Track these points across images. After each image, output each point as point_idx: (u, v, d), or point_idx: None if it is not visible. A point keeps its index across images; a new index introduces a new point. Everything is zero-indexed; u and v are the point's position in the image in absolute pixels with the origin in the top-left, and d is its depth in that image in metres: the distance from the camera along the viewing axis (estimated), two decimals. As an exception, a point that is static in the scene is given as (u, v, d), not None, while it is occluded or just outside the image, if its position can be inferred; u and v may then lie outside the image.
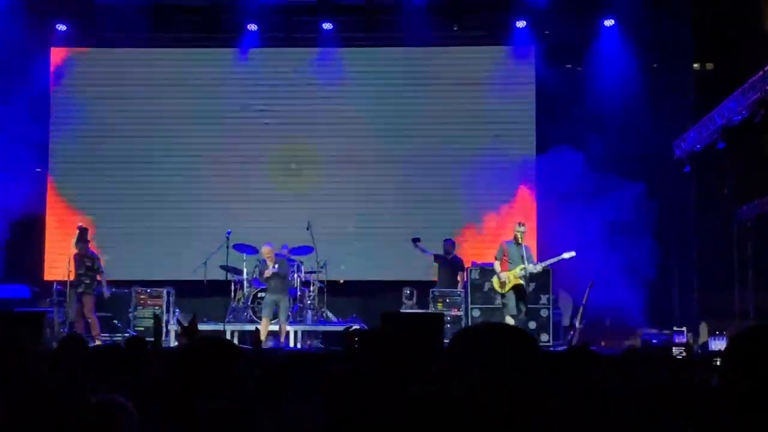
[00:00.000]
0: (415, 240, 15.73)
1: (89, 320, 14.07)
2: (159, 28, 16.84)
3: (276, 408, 4.51)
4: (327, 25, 16.71)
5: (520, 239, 13.60)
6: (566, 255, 13.48)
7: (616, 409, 4.30)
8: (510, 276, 13.49)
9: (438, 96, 17.00)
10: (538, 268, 13.63)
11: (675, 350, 12.52)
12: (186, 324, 6.18)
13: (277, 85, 17.22)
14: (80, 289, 14.07)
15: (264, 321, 14.06)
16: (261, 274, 14.27)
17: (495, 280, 13.78)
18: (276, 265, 14.05)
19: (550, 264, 13.87)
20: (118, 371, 5.73)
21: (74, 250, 14.32)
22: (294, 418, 4.38)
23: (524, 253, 13.59)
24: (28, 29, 16.02)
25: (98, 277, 14.22)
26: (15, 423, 3.07)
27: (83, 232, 14.43)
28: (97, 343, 12.76)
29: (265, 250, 14.18)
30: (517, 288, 13.51)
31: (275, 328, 14.28)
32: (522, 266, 13.44)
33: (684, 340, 13.24)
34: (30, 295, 15.70)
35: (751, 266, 14.06)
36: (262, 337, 14.02)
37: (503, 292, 13.59)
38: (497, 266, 13.72)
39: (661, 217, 15.79)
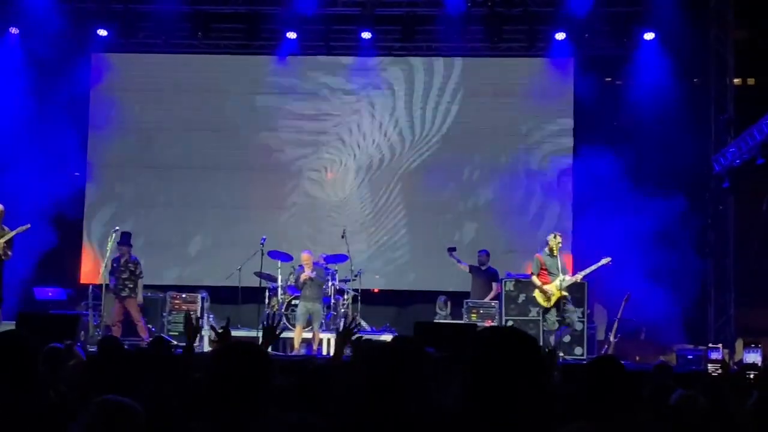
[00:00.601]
0: (451, 249, 15.67)
1: (138, 324, 14.12)
2: (198, 34, 16.91)
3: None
4: (366, 34, 16.69)
5: (555, 250, 13.46)
6: (603, 261, 13.30)
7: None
8: (553, 288, 13.31)
9: (476, 106, 16.97)
10: (578, 277, 13.45)
11: (710, 367, 12.37)
12: (219, 329, 6.19)
13: (314, 93, 17.24)
14: (124, 294, 14.08)
15: (297, 328, 14.07)
16: (297, 279, 14.24)
17: (538, 294, 13.50)
18: (314, 272, 14.05)
19: (590, 272, 13.55)
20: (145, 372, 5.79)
21: (115, 254, 14.37)
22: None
23: (561, 263, 13.48)
24: (69, 35, 16.19)
25: (139, 282, 14.23)
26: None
27: (127, 236, 14.46)
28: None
29: (304, 257, 14.15)
30: (560, 300, 13.34)
31: (309, 335, 14.25)
32: (562, 277, 13.31)
33: (720, 356, 13.07)
34: (66, 298, 15.82)
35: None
36: (296, 345, 14.04)
37: (549, 306, 13.35)
38: (536, 280, 13.48)
39: (699, 232, 15.67)
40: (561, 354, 13.35)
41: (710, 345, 13.60)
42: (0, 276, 12.36)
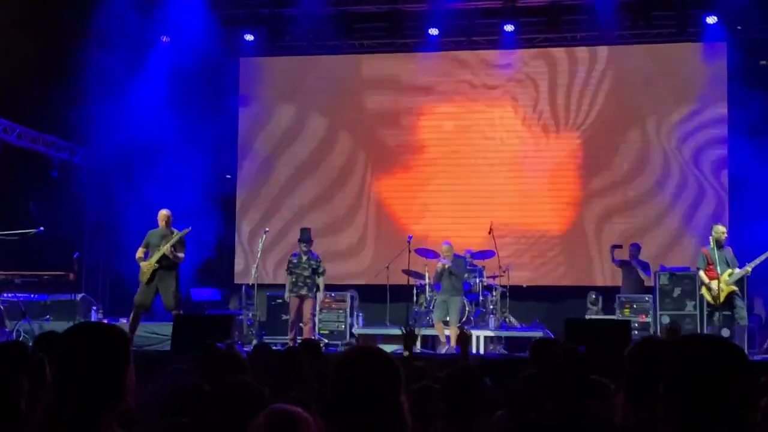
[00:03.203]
0: (615, 247, 15.29)
1: (307, 324, 13.73)
2: (342, 35, 17.06)
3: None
4: (509, 27, 16.50)
5: (721, 242, 12.86)
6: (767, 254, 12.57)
7: None
8: (721, 284, 12.64)
9: (623, 96, 16.58)
10: (747, 269, 12.65)
11: None
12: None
13: (456, 89, 17.17)
14: (303, 292, 13.76)
15: (437, 323, 13.86)
16: (435, 270, 14.15)
17: (705, 292, 12.91)
18: (448, 260, 13.76)
19: (759, 263, 12.62)
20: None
21: (291, 249, 14.45)
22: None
23: (728, 255, 12.84)
24: (218, 41, 16.59)
25: (319, 281, 13.88)
26: None
27: (307, 232, 14.29)
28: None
29: (444, 248, 14.02)
30: (729, 296, 12.67)
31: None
32: (730, 271, 12.67)
33: None
34: (221, 298, 16.23)
35: None
36: (442, 340, 13.89)
37: (719, 303, 12.68)
38: (704, 276, 12.89)
39: None
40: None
41: None
42: (176, 279, 12.67)
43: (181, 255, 12.53)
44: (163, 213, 12.73)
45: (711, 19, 15.81)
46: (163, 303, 12.55)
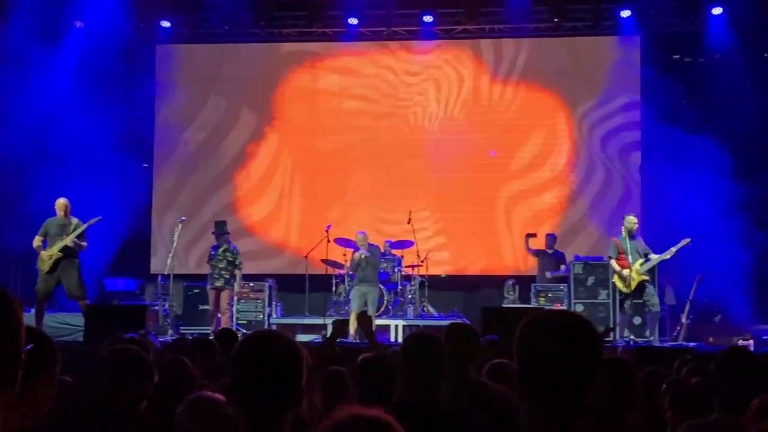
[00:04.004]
0: (530, 235, 15.51)
1: (224, 315, 13.76)
2: (261, 22, 16.93)
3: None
4: (428, 18, 16.58)
5: (632, 232, 13.12)
6: (684, 242, 12.79)
7: None
8: (633, 273, 12.93)
9: (539, 88, 16.77)
10: (658, 259, 12.95)
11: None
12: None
13: (376, 79, 17.19)
14: (218, 284, 13.78)
15: (353, 314, 13.84)
16: (352, 260, 14.15)
17: (617, 280, 13.18)
18: (364, 250, 13.83)
19: (671, 254, 12.93)
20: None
21: (211, 242, 14.35)
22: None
23: (639, 245, 13.11)
24: (133, 27, 16.33)
25: (236, 273, 13.91)
26: None
27: (222, 224, 14.28)
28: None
29: (359, 237, 14.07)
30: (640, 284, 12.96)
31: (381, 322, 14.09)
32: (641, 261, 12.95)
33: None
34: (135, 289, 16.01)
35: None
36: (352, 331, 13.88)
37: (629, 291, 12.98)
38: (615, 265, 13.16)
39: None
40: (631, 337, 13.15)
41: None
42: (78, 268, 12.46)
43: (84, 244, 12.40)
44: (61, 202, 12.52)
45: (625, 13, 16.10)
46: (67, 293, 12.38)
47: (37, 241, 12.40)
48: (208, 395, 3.55)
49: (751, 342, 12.94)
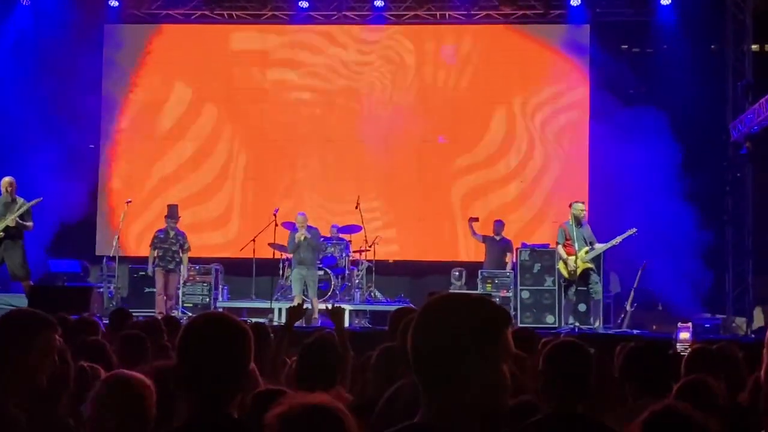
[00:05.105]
0: (473, 219, 15.57)
1: (171, 299, 13.85)
2: (210, 4, 16.79)
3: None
4: (378, 2, 16.54)
5: (580, 220, 13.16)
6: (630, 232, 12.83)
7: None
8: (578, 261, 12.94)
9: (488, 75, 16.80)
10: (603, 248, 13.00)
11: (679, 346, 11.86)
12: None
13: (325, 62, 17.12)
14: (170, 266, 13.82)
15: (296, 298, 13.70)
16: (290, 242, 14.08)
17: (562, 266, 13.19)
18: (306, 232, 13.81)
19: (616, 243, 12.98)
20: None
21: (159, 227, 14.25)
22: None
23: (586, 233, 13.12)
24: (81, 6, 16.09)
25: (183, 257, 13.96)
26: None
27: (174, 209, 14.26)
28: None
29: (299, 219, 14.04)
30: (585, 272, 12.99)
31: (323, 306, 14.05)
32: (586, 249, 12.99)
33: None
34: (80, 270, 15.84)
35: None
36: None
37: (573, 278, 12.98)
38: (561, 251, 13.15)
39: (717, 200, 15.54)
40: (576, 323, 13.24)
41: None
42: (22, 248, 12.28)
43: (30, 224, 12.23)
44: (7, 180, 12.36)
45: (575, 2, 16.16)
46: (10, 273, 12.24)
47: None
48: (124, 373, 3.54)
49: (689, 326, 13.02)
